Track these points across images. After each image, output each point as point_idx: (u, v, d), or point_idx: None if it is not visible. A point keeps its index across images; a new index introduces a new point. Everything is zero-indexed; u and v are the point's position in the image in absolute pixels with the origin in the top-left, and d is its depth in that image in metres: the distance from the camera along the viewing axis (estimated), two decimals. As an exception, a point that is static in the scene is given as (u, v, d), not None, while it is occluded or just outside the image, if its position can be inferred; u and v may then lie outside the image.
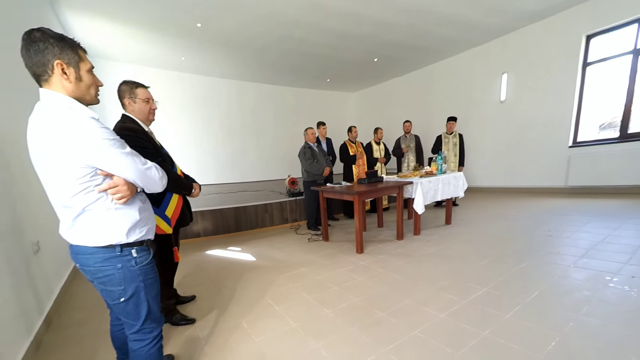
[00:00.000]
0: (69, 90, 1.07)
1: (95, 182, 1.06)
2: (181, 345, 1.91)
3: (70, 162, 1.00)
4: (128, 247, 1.15)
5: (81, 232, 1.09)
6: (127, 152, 1.09)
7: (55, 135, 0.98)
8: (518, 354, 1.58)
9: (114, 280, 1.14)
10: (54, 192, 1.06)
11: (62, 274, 2.89)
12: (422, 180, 3.74)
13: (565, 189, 5.82)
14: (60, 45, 1.04)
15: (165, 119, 7.58)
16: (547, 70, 5.86)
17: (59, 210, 1.10)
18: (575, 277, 2.39)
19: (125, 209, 1.14)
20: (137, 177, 1.12)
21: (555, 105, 5.81)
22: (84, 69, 1.10)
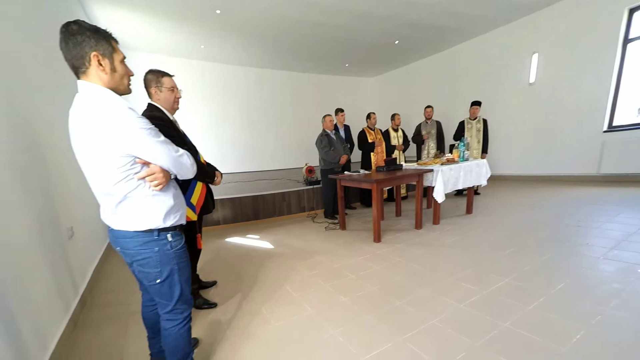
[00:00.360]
0: (104, 81, 1.11)
1: (134, 170, 1.11)
2: (205, 329, 2.00)
3: (111, 151, 1.06)
4: (164, 232, 1.23)
5: (123, 218, 1.16)
6: (161, 141, 1.15)
7: (96, 126, 1.03)
8: (540, 346, 1.54)
9: (151, 263, 1.22)
10: (97, 180, 1.13)
11: (93, 258, 3.07)
12: (442, 167, 3.65)
13: (597, 177, 5.50)
14: (96, 37, 1.07)
15: (185, 108, 7.73)
16: (582, 48, 5.45)
17: (101, 197, 1.18)
18: (604, 269, 2.28)
19: (161, 195, 1.21)
20: (171, 164, 1.18)
21: (590, 87, 5.42)
22: (117, 59, 1.14)
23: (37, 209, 1.90)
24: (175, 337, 1.34)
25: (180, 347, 1.36)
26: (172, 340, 1.34)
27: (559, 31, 5.72)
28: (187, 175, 1.28)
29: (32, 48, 2.36)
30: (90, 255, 2.98)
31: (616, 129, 5.26)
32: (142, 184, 1.14)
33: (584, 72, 5.48)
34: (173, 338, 1.34)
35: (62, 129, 2.62)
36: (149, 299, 1.52)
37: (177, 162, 1.20)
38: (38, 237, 1.83)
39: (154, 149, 1.12)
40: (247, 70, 8.68)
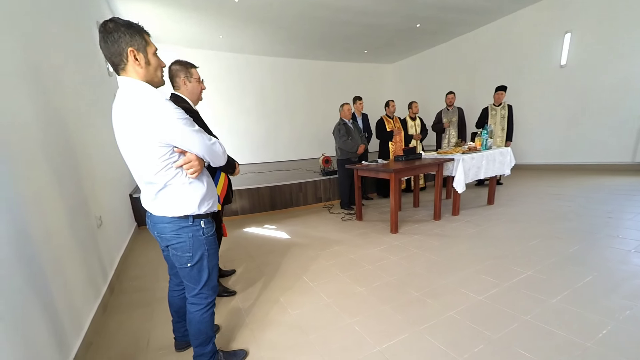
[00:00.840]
0: (141, 75, 1.16)
1: (172, 160, 1.18)
2: (225, 316, 2.07)
3: (152, 142, 1.12)
4: (198, 219, 1.30)
5: (163, 205, 1.24)
6: (196, 130, 1.20)
7: (138, 118, 1.09)
8: (563, 340, 1.50)
9: (185, 247, 1.30)
10: (140, 170, 1.20)
11: (120, 246, 3.22)
12: (464, 156, 3.54)
13: (633, 166, 5.17)
14: (130, 32, 1.12)
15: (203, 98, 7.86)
16: (619, 26, 5.07)
17: (143, 186, 1.26)
18: (636, 262, 2.17)
19: (197, 182, 1.28)
20: (205, 152, 1.24)
21: (627, 68, 5.06)
22: (150, 52, 1.19)
23: (69, 198, 2.01)
24: (199, 320, 1.40)
25: (203, 331, 1.42)
26: (195, 324, 1.41)
27: (593, 8, 5.33)
28: (219, 163, 1.34)
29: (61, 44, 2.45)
30: (118, 244, 3.13)
31: (655, 113, 4.90)
32: (179, 173, 1.21)
33: (621, 52, 5.11)
34: (197, 321, 1.40)
35: (91, 122, 2.75)
36: (176, 284, 1.60)
37: (210, 150, 1.25)
38: (70, 225, 1.93)
39: (190, 137, 1.17)
40: (262, 60, 8.69)
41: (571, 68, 5.80)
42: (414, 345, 1.58)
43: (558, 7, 5.81)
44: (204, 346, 1.44)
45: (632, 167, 5.17)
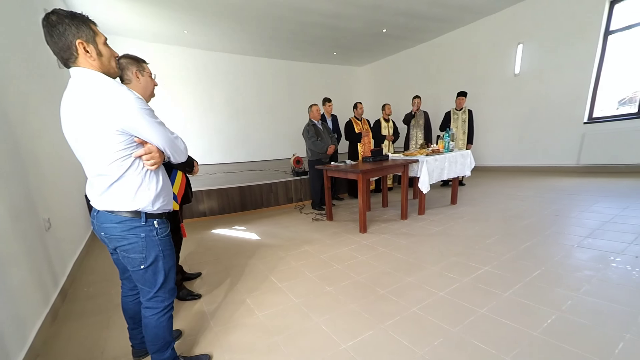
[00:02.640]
0: (96, 67, 1.11)
1: (130, 150, 1.14)
2: (188, 320, 2.00)
3: (109, 130, 1.06)
4: (151, 218, 1.25)
5: (113, 198, 1.17)
6: (159, 122, 1.18)
7: (94, 103, 1.04)
8: (513, 330, 1.61)
9: (137, 249, 1.24)
10: (91, 161, 1.13)
11: (75, 250, 3.01)
12: (427, 158, 3.69)
13: (577, 168, 5.67)
14: (75, 23, 1.06)
15: (169, 95, 7.56)
16: (565, 39, 5.54)
17: (94, 179, 1.18)
18: (578, 256, 2.38)
19: (153, 176, 1.24)
20: (167, 145, 1.21)
21: (571, 78, 5.54)
22: (100, 42, 1.13)
23: (11, 199, 1.84)
24: (155, 325, 1.34)
25: (161, 336, 1.36)
26: (152, 329, 1.34)
27: (542, 22, 5.79)
28: (180, 159, 1.31)
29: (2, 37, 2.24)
30: (71, 248, 2.92)
31: (596, 120, 5.41)
32: (135, 165, 1.16)
33: (566, 63, 5.59)
34: (153, 326, 1.34)
35: (39, 118, 2.54)
36: (129, 289, 1.52)
37: (172, 143, 1.23)
38: (12, 228, 1.77)
39: (152, 129, 1.14)
40: (233, 58, 8.49)
41: (524, 77, 6.26)
42: (378, 342, 1.62)
43: (511, 19, 6.25)
44: (162, 352, 1.38)
45: (577, 169, 5.67)
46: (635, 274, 2.04)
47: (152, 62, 2.00)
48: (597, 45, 5.19)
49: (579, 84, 5.46)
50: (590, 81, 5.33)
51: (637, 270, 2.08)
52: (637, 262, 2.18)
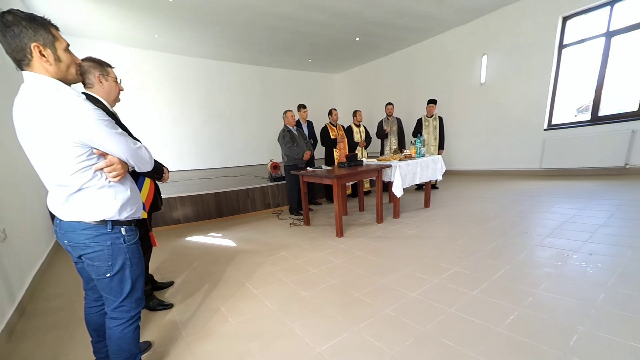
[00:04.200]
0: (51, 72, 1.07)
1: (91, 162, 1.10)
2: (159, 331, 1.94)
3: (66, 142, 1.03)
4: (118, 225, 1.21)
5: (75, 208, 1.13)
6: (119, 133, 1.14)
7: (49, 116, 1.00)
8: (479, 327, 1.68)
9: (102, 257, 1.20)
10: (49, 172, 1.09)
11: (35, 262, 2.83)
12: (400, 163, 3.80)
13: (540, 172, 6.03)
14: (33, 26, 1.02)
15: (141, 100, 7.32)
16: (524, 51, 5.92)
17: (53, 188, 1.14)
18: (539, 255, 2.53)
19: (119, 186, 1.21)
20: (129, 156, 1.18)
21: (532, 88, 5.92)
22: (60, 48, 1.10)
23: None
24: (119, 337, 1.29)
25: (125, 348, 1.31)
26: (116, 340, 1.29)
27: (504, 35, 6.17)
28: (146, 168, 1.29)
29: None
30: (31, 259, 2.74)
31: (555, 127, 5.80)
32: (98, 175, 1.13)
33: (525, 74, 5.97)
34: (117, 337, 1.29)
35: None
36: (93, 299, 1.46)
37: (135, 154, 1.20)
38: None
39: (112, 140, 1.11)
40: (206, 63, 8.34)
41: (489, 86, 6.62)
42: (352, 344, 1.65)
43: (477, 31, 6.60)
44: (127, 365, 1.33)
45: (540, 172, 6.03)
46: (589, 270, 2.20)
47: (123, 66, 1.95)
48: (552, 57, 5.58)
49: (538, 94, 5.84)
50: (548, 91, 5.71)
51: (590, 266, 2.24)
52: (591, 259, 2.35)
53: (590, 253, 2.44)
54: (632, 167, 4.95)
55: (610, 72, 5.09)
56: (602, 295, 1.86)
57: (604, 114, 5.26)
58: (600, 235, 2.78)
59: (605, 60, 5.07)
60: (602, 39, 5.06)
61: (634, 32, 4.78)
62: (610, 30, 4.96)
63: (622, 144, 4.92)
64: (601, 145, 5.14)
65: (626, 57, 4.94)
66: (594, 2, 4.98)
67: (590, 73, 5.30)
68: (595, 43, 5.19)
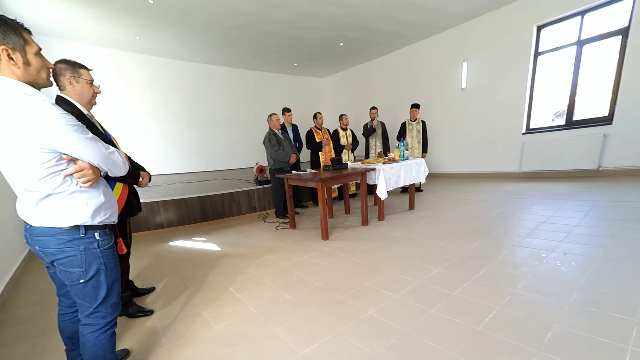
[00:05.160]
0: (18, 76, 1.05)
1: (60, 167, 1.08)
2: (138, 338, 1.89)
3: (33, 148, 1.01)
4: (92, 230, 1.20)
5: (45, 214, 1.11)
6: (90, 137, 1.12)
7: (14, 121, 0.98)
8: (459, 327, 1.72)
9: (75, 262, 1.17)
10: (16, 177, 1.07)
11: (7, 269, 2.72)
12: (384, 166, 3.85)
13: (519, 174, 6.23)
14: (2, 29, 1.00)
15: (124, 103, 7.16)
16: (502, 58, 6.13)
17: (20, 193, 1.12)
18: (517, 255, 2.60)
19: (92, 191, 1.19)
20: (101, 161, 1.17)
21: (509, 93, 6.13)
22: (30, 52, 1.07)
23: None
24: (94, 344, 1.26)
25: (100, 355, 1.28)
26: (90, 347, 1.26)
27: (482, 42, 6.38)
28: (119, 173, 1.28)
29: None
30: (3, 267, 2.63)
31: (533, 131, 6.01)
32: (68, 180, 1.11)
33: (503, 80, 6.19)
34: (92, 345, 1.26)
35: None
36: (67, 306, 1.42)
37: (107, 158, 1.18)
38: None
39: (82, 145, 1.09)
40: (189, 65, 8.23)
41: (470, 91, 6.82)
42: (335, 346, 1.65)
43: (458, 38, 6.80)
44: (102, 373, 1.29)
45: (519, 175, 6.23)
46: (564, 268, 2.28)
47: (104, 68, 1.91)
48: (529, 64, 5.80)
49: (516, 99, 6.06)
50: (525, 96, 5.93)
51: (565, 265, 2.33)
52: (565, 258, 2.44)
53: (565, 252, 2.54)
54: (604, 169, 5.18)
55: (583, 78, 5.33)
56: (575, 293, 1.93)
57: (578, 118, 5.49)
58: (574, 235, 2.89)
59: (578, 67, 5.31)
60: (574, 47, 5.30)
61: (603, 41, 5.02)
62: (582, 39, 5.20)
63: (595, 147, 5.14)
64: (576, 149, 5.36)
65: (597, 64, 5.18)
66: (566, 12, 5.21)
67: (565, 79, 5.53)
68: (568, 51, 5.42)
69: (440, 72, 7.26)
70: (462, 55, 6.75)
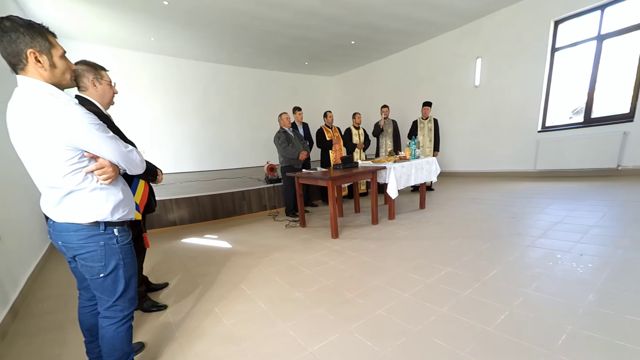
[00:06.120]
0: (45, 77, 1.09)
1: (82, 165, 1.13)
2: (152, 332, 1.94)
3: (57, 145, 1.06)
4: (111, 226, 1.24)
5: (68, 210, 1.15)
6: (110, 136, 1.16)
7: (41, 120, 1.02)
8: (469, 327, 1.70)
9: (96, 257, 1.22)
10: (41, 174, 1.12)
11: (29, 263, 2.83)
12: (395, 165, 3.82)
13: (533, 173, 6.08)
14: (31, 33, 1.05)
15: (139, 103, 7.33)
16: (518, 55, 5.98)
17: (45, 190, 1.17)
18: (530, 255, 2.55)
19: (111, 188, 1.23)
20: (120, 159, 1.20)
21: (525, 90, 5.98)
22: (56, 55, 1.12)
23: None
24: (112, 336, 1.31)
25: (118, 347, 1.33)
26: (109, 340, 1.31)
27: (497, 38, 6.24)
28: (137, 171, 1.31)
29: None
30: (24, 261, 2.74)
31: (549, 129, 5.85)
32: (89, 177, 1.15)
33: (519, 77, 6.03)
34: (110, 337, 1.31)
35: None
36: (87, 299, 1.47)
37: (126, 157, 1.22)
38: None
39: (103, 144, 1.13)
40: (204, 65, 8.36)
41: (483, 88, 6.68)
42: (343, 344, 1.66)
43: (470, 35, 6.67)
44: (119, 365, 1.34)
45: (534, 174, 6.08)
46: (580, 270, 2.22)
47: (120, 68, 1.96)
48: (545, 60, 5.64)
49: (532, 96, 5.90)
50: (541, 93, 5.77)
51: (581, 267, 2.27)
52: (581, 260, 2.38)
53: (581, 253, 2.47)
54: (624, 168, 5.01)
55: (602, 74, 5.16)
56: (591, 295, 1.88)
57: (597, 116, 5.32)
58: (591, 236, 2.81)
59: (597, 63, 5.14)
60: (594, 42, 5.13)
61: (624, 36, 4.85)
62: (602, 33, 5.03)
63: (614, 145, 4.98)
64: (594, 147, 5.20)
65: (617, 60, 5.00)
66: (585, 6, 5.05)
67: (583, 75, 5.36)
68: (587, 46, 5.25)
69: (453, 69, 7.14)
70: (476, 52, 6.62)
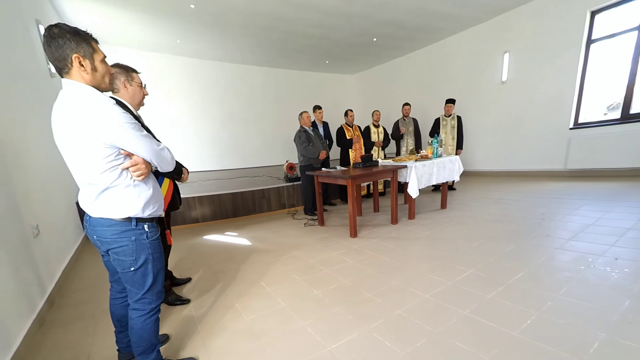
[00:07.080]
0: (87, 80, 1.17)
1: (118, 162, 1.19)
2: (176, 325, 2.01)
3: (96, 143, 1.13)
4: (142, 222, 1.30)
5: (103, 206, 1.22)
6: (145, 135, 1.23)
7: (82, 120, 1.10)
8: (494, 331, 1.65)
9: (127, 251, 1.28)
10: (81, 170, 1.19)
11: (64, 257, 3.00)
12: (416, 164, 3.75)
13: (564, 172, 5.78)
14: (76, 39, 1.13)
15: (165, 103, 7.60)
16: (549, 48, 5.70)
17: (83, 187, 1.24)
18: (560, 258, 2.43)
19: (142, 185, 1.29)
20: (153, 157, 1.27)
21: (557, 86, 5.69)
22: (97, 59, 1.20)
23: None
24: (141, 327, 1.37)
25: (146, 338, 1.39)
26: (137, 330, 1.37)
27: (527, 32, 5.96)
28: (167, 168, 1.37)
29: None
30: (60, 255, 2.91)
31: (581, 126, 5.54)
32: (124, 174, 1.22)
33: (550, 71, 5.74)
34: (139, 328, 1.37)
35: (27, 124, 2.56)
36: (118, 291, 1.55)
37: (158, 154, 1.28)
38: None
39: (138, 142, 1.19)
40: (226, 66, 8.56)
41: (510, 84, 6.41)
42: (362, 343, 1.65)
43: (497, 29, 6.42)
44: (147, 354, 1.40)
45: (564, 173, 5.78)
46: (614, 275, 2.10)
47: (146, 70, 2.05)
48: (579, 53, 5.34)
49: (564, 91, 5.61)
50: (574, 88, 5.47)
51: (616, 271, 2.14)
52: (616, 264, 2.24)
53: (616, 257, 2.33)
54: (666, 167, 4.67)
55: (643, 67, 4.82)
56: (627, 302, 1.77)
57: (636, 111, 4.98)
58: (627, 239, 2.64)
59: (637, 55, 4.81)
60: (635, 33, 4.80)
61: (668, 25, 4.51)
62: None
63: (655, 143, 4.65)
64: (632, 145, 4.88)
65: (659, 51, 4.66)
66: (624, -6, 4.74)
67: (622, 69, 5.03)
68: (626, 37, 4.93)
69: (478, 65, 6.91)
70: (504, 47, 6.36)
